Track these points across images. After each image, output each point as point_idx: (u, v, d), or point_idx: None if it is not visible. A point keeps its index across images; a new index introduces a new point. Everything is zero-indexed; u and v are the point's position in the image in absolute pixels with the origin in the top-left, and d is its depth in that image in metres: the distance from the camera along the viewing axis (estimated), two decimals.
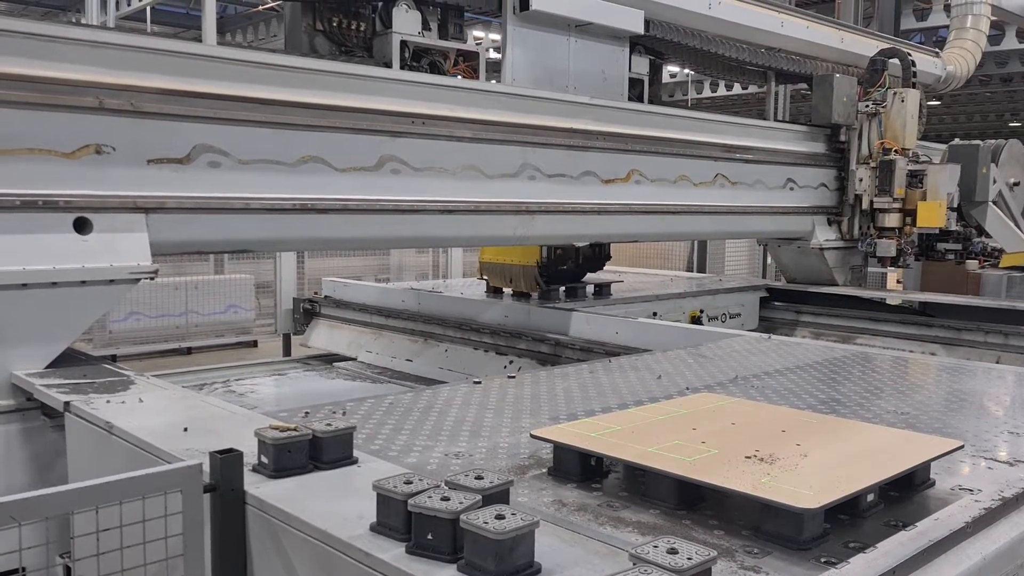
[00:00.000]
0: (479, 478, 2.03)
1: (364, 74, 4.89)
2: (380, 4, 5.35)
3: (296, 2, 5.10)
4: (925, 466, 2.45)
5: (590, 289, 7.56)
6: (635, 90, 7.01)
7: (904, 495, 2.39)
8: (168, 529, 2.09)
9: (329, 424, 2.48)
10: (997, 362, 6.13)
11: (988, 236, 8.89)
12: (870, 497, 2.24)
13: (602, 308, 6.75)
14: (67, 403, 3.16)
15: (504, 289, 7.57)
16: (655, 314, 7.18)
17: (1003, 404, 3.72)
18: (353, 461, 2.47)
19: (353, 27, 5.32)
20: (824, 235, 8.28)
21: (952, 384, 4.01)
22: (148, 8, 17.58)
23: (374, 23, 5.41)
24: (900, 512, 2.28)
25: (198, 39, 4.52)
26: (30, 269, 3.57)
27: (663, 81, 20.85)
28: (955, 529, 2.04)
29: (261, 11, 20.16)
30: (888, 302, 7.78)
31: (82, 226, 3.79)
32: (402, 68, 5.24)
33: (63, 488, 1.98)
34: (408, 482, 1.98)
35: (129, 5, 17.58)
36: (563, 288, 7.36)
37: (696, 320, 7.60)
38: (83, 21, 14.23)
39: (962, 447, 2.60)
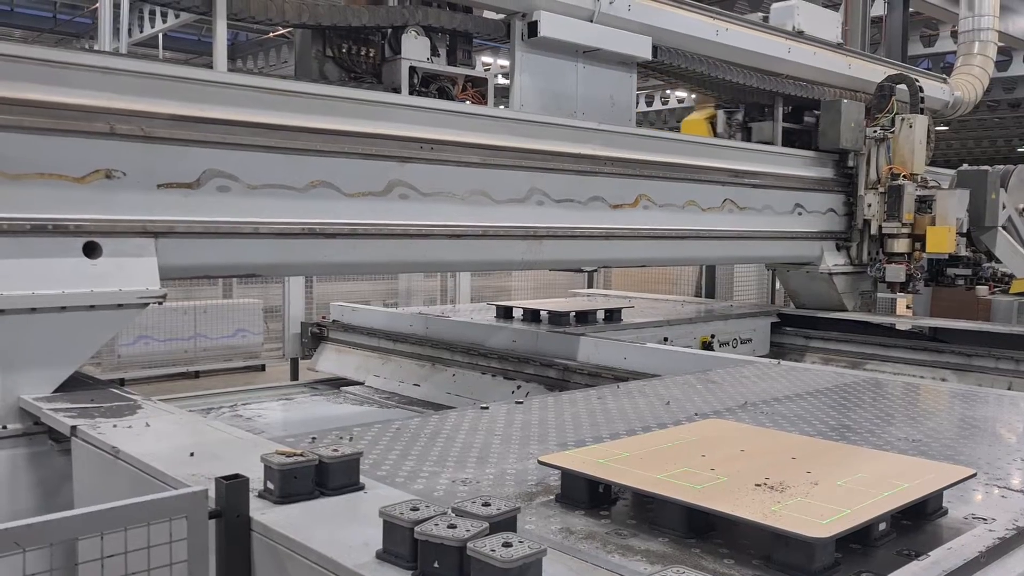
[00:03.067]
0: (486, 505, 2.01)
1: (373, 99, 4.92)
2: (389, 31, 5.40)
3: (307, 29, 5.15)
4: (938, 494, 2.42)
5: (600, 314, 7.56)
6: None
7: (916, 524, 2.36)
8: (173, 555, 2.08)
9: (335, 450, 2.46)
10: (1009, 388, 6.08)
11: (998, 261, 8.86)
12: (882, 526, 2.21)
13: (612, 333, 6.74)
14: (74, 427, 3.16)
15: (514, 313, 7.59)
16: (666, 339, 7.17)
17: (1016, 431, 3.68)
18: (359, 487, 2.45)
19: (362, 53, 5.36)
20: (833, 260, 8.26)
21: (964, 411, 3.97)
22: (161, 35, 17.84)
23: (383, 49, 5.45)
24: (913, 541, 2.25)
25: (209, 65, 4.55)
26: (39, 293, 3.57)
27: (671, 107, 21.08)
28: (969, 559, 2.01)
29: (272, 38, 20.38)
30: (898, 327, 7.74)
31: (91, 250, 3.80)
32: (411, 94, 5.27)
33: (67, 514, 1.96)
34: (415, 509, 1.96)
35: (142, 32, 17.82)
36: (573, 313, 7.36)
37: (707, 346, 7.58)
38: (96, 48, 14.39)
39: (975, 475, 2.58)
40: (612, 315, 7.58)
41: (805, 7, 8.12)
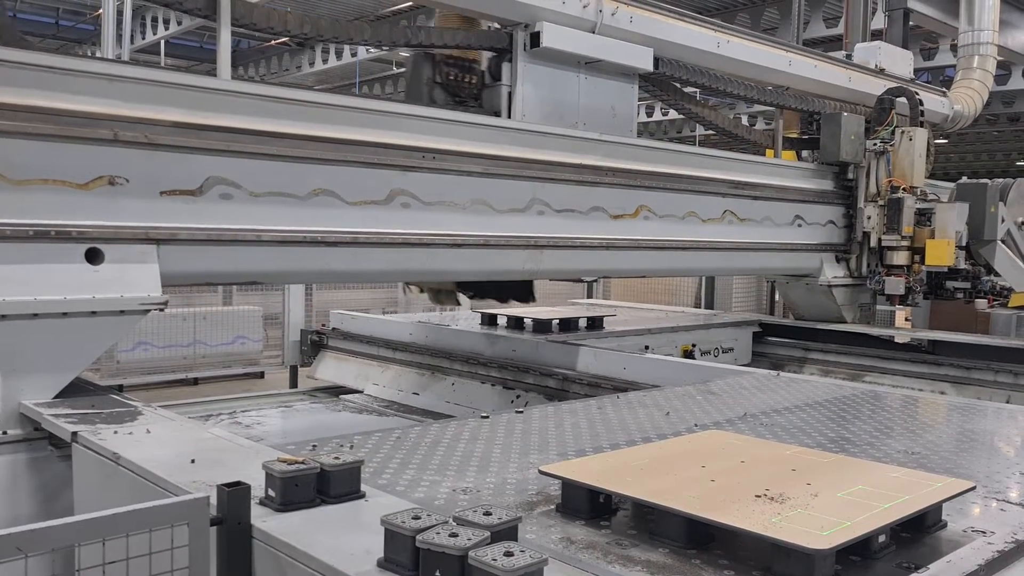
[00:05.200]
0: (487, 514, 2.02)
1: (375, 108, 4.94)
2: (491, 59, 5.90)
3: (419, 56, 5.61)
4: (937, 507, 2.43)
5: (583, 322, 7.60)
6: None
7: (916, 537, 2.37)
8: (174, 562, 2.08)
9: (337, 457, 2.47)
10: (1007, 402, 6.08)
11: (997, 275, 8.88)
12: (882, 538, 2.22)
13: (594, 340, 6.77)
14: (74, 433, 3.16)
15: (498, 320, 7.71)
16: (647, 347, 7.21)
17: (1014, 445, 3.69)
18: (360, 495, 2.46)
19: (466, 80, 5.80)
20: (832, 272, 8.28)
21: (963, 424, 3.98)
22: (163, 42, 17.87)
23: (483, 76, 5.93)
24: (912, 554, 2.25)
25: (211, 72, 4.57)
26: (41, 299, 3.58)
27: (671, 118, 21.22)
28: (968, 572, 2.02)
29: (274, 45, 20.42)
30: (897, 340, 7.75)
31: (94, 257, 3.81)
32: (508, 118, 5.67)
33: (69, 520, 1.97)
34: (416, 517, 1.97)
35: (144, 39, 17.86)
36: (556, 321, 7.40)
37: (688, 354, 7.63)
38: (98, 54, 14.42)
39: (974, 488, 2.58)
40: (594, 323, 7.62)
41: (887, 48, 9.75)
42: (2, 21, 4.21)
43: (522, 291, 7.13)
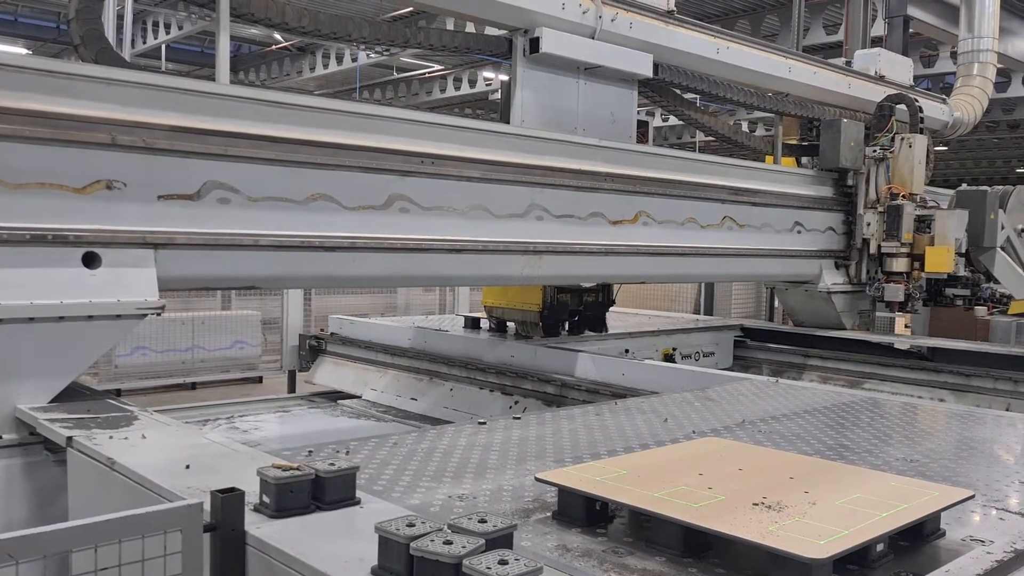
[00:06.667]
0: (482, 521, 2.00)
1: (374, 114, 4.93)
2: None
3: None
4: (936, 516, 2.42)
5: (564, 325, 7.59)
6: None
7: (914, 545, 2.36)
8: (167, 569, 2.06)
9: (332, 464, 2.46)
10: (1007, 409, 6.07)
11: (996, 282, 8.87)
12: (880, 547, 2.21)
13: (575, 344, 6.76)
14: (70, 438, 3.14)
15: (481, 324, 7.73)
16: (627, 351, 7.22)
17: (1014, 453, 3.68)
18: (356, 502, 2.44)
19: None
20: (832, 279, 8.27)
21: (962, 431, 3.97)
22: (164, 46, 17.89)
23: None
24: (910, 563, 2.24)
25: (211, 77, 4.57)
26: (37, 303, 3.57)
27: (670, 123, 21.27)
28: None
29: (274, 50, 20.45)
30: (896, 347, 7.73)
31: (91, 261, 3.80)
32: None
33: (62, 526, 1.95)
34: (411, 525, 1.96)
35: (145, 43, 17.88)
36: (540, 325, 7.39)
37: (669, 358, 7.64)
38: None
39: (973, 497, 2.57)
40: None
41: (886, 54, 9.72)
42: (101, 42, 4.20)
43: (596, 321, 7.51)
